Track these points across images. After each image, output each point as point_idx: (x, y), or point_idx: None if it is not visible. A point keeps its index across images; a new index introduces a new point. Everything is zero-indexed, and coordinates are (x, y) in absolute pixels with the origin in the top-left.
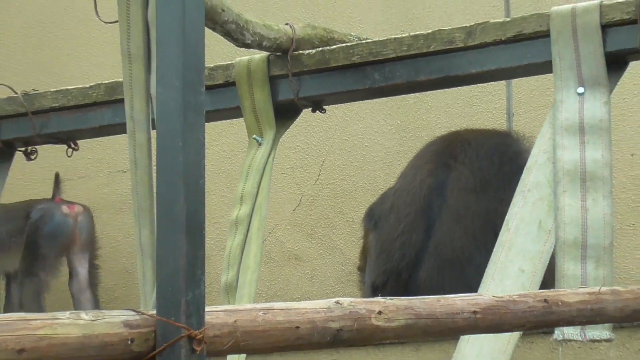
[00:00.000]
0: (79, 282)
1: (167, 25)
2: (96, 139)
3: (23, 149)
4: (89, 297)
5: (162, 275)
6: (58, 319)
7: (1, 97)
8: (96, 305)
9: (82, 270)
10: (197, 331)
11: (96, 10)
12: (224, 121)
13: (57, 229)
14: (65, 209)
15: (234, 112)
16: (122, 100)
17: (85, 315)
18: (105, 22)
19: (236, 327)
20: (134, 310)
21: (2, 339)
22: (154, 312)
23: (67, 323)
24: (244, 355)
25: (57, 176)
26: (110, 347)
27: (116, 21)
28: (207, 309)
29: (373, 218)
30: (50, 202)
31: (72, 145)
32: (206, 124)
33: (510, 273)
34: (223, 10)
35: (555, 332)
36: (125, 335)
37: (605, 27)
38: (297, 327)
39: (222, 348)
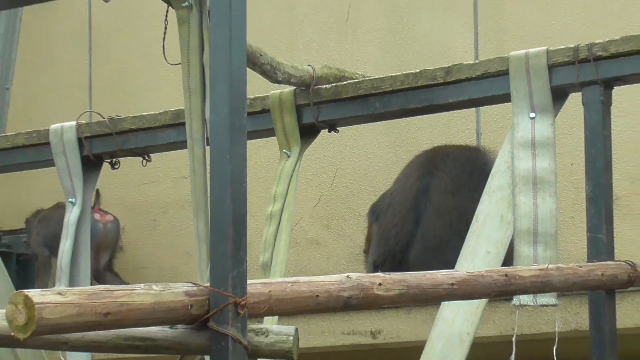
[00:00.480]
0: (99, 269)
1: (217, 67)
2: (164, 152)
3: (109, 160)
4: (108, 277)
5: (214, 256)
6: (135, 289)
7: (93, 121)
8: (118, 280)
9: (102, 261)
10: (240, 299)
11: (164, 55)
12: (261, 139)
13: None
14: (97, 216)
15: (269, 132)
16: (183, 124)
17: (156, 287)
18: (171, 64)
19: (270, 295)
20: (192, 283)
21: (92, 305)
22: (208, 284)
23: (142, 293)
24: (276, 317)
25: (97, 191)
26: (175, 311)
27: (179, 63)
28: (248, 282)
29: (375, 213)
30: (91, 210)
31: (146, 158)
32: (247, 141)
33: (479, 254)
34: (261, 55)
35: (514, 299)
36: (186, 302)
37: (551, 67)
38: (317, 296)
39: (260, 312)
